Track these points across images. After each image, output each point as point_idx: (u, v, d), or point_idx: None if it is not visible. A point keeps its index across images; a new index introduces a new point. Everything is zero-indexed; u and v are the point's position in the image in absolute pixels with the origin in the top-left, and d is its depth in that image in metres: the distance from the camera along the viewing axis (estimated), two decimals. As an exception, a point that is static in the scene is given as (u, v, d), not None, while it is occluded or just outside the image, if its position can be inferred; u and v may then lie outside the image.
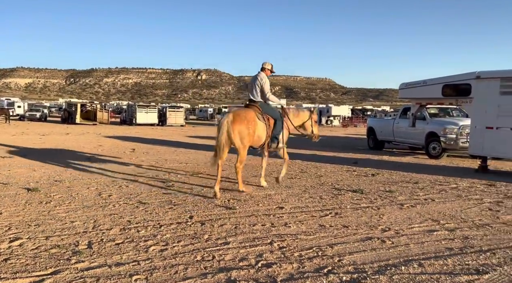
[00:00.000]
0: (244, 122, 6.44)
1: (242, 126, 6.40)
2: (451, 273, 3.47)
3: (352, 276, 3.37)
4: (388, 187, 7.59)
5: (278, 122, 6.99)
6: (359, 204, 6.15)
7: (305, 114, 7.77)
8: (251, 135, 6.52)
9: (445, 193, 7.11)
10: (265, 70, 7.17)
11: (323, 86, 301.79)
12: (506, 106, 9.01)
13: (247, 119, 6.51)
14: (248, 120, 6.50)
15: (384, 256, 3.89)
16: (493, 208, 5.96)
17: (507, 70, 9.42)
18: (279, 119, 7.03)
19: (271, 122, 6.91)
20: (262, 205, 5.93)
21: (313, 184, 7.85)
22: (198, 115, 68.24)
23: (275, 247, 4.08)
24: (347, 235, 4.53)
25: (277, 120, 6.99)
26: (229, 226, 4.81)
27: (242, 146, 6.52)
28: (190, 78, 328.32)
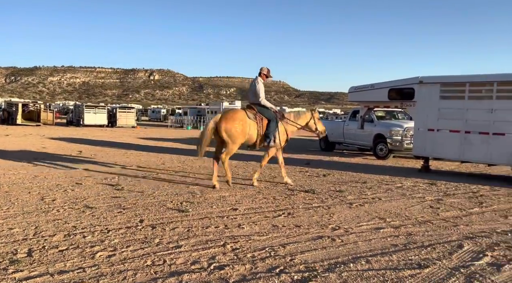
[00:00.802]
0: (230, 121, 7.16)
1: (228, 124, 7.12)
2: (395, 269, 3.64)
3: (303, 275, 3.43)
4: (338, 187, 7.83)
5: (271, 123, 7.49)
6: (311, 204, 6.29)
7: (307, 115, 8.27)
8: (239, 132, 7.18)
9: (391, 192, 7.46)
10: (262, 75, 7.74)
11: (278, 89, 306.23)
12: (445, 110, 9.65)
13: (234, 118, 7.23)
14: (234, 119, 7.20)
15: (334, 254, 4.00)
16: (434, 206, 6.34)
17: (446, 76, 10.10)
18: (272, 120, 7.52)
19: (265, 122, 7.46)
20: (216, 207, 5.88)
21: (267, 185, 7.92)
22: (150, 116, 66.44)
23: (228, 249, 4.06)
24: (299, 235, 4.61)
25: (271, 121, 7.49)
26: (181, 229, 4.71)
27: (231, 141, 7.20)
28: (142, 78, 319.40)
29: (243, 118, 7.29)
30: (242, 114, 7.36)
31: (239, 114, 7.38)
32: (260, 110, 7.55)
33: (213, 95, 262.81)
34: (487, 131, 8.88)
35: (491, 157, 8.92)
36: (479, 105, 9.10)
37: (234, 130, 7.13)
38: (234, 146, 7.28)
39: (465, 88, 9.29)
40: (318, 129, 8.25)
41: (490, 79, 9.09)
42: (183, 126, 38.93)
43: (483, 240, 4.57)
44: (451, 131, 9.50)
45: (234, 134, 7.14)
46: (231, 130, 7.12)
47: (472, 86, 9.26)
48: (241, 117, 7.29)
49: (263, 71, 7.74)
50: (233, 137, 7.15)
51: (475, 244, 4.41)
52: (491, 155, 8.86)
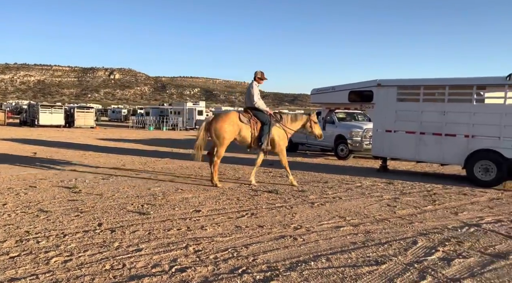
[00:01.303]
0: (220, 122, 7.53)
1: (218, 125, 7.50)
2: (354, 265, 3.75)
3: (265, 275, 3.46)
4: (301, 187, 7.96)
5: (265, 126, 7.72)
6: (274, 204, 6.35)
7: (303, 118, 8.38)
8: (227, 133, 7.48)
9: (351, 191, 7.68)
10: (256, 79, 7.97)
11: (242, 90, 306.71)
12: (402, 112, 10.06)
13: (224, 119, 7.57)
14: (224, 121, 7.55)
15: (296, 253, 4.06)
16: (391, 204, 6.59)
17: (402, 79, 10.54)
18: (266, 123, 7.73)
19: (259, 125, 7.73)
20: (178, 209, 5.80)
21: (231, 186, 7.91)
22: (110, 116, 64.35)
23: (191, 251, 4.02)
24: (262, 235, 4.65)
25: (264, 124, 7.72)
26: (142, 232, 4.61)
27: (219, 143, 7.56)
28: (101, 77, 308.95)
29: (234, 121, 7.60)
30: (234, 117, 7.67)
31: (231, 116, 7.70)
32: (255, 114, 7.81)
33: (177, 95, 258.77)
34: (440, 132, 9.35)
35: (444, 157, 9.40)
36: (432, 107, 9.56)
37: (223, 130, 7.48)
38: (220, 148, 7.60)
39: (419, 91, 9.74)
40: (314, 133, 8.34)
41: (442, 83, 9.58)
42: (145, 126, 38.07)
43: (436, 236, 4.81)
44: (407, 132, 9.92)
45: (222, 134, 7.49)
46: (219, 131, 7.49)
47: (426, 89, 9.72)
48: (231, 119, 7.60)
49: (257, 75, 7.99)
50: (220, 137, 7.51)
51: (428, 240, 4.64)
52: (443, 155, 9.34)
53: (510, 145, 8.32)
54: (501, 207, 6.58)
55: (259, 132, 7.71)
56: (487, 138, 8.65)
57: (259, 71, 8.03)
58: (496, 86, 8.92)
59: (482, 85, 9.13)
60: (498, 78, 8.59)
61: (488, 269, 3.74)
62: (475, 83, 9.00)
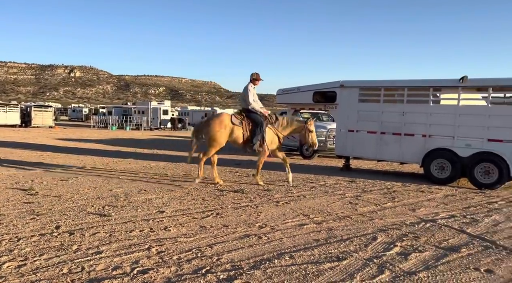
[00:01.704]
0: (211, 123, 7.79)
1: (209, 126, 7.79)
2: (316, 262, 3.83)
3: (229, 274, 3.46)
4: (266, 186, 8.02)
5: (257, 128, 7.81)
6: (240, 203, 6.36)
7: (298, 125, 8.17)
8: (218, 134, 7.71)
9: (315, 190, 7.82)
10: (252, 80, 8.08)
11: (209, 89, 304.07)
12: (363, 112, 10.37)
13: (215, 121, 7.80)
14: (215, 123, 7.78)
15: (260, 251, 4.09)
16: (353, 202, 6.78)
17: (364, 81, 10.86)
18: (258, 125, 7.82)
19: (251, 126, 7.84)
20: (141, 210, 5.68)
21: (197, 186, 7.84)
22: (70, 115, 61.92)
23: (153, 252, 3.95)
24: (227, 234, 4.64)
25: (256, 126, 7.82)
26: (102, 234, 4.48)
27: (210, 144, 7.83)
28: (61, 74, 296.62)
29: (225, 122, 7.79)
30: (226, 118, 7.86)
31: (222, 118, 7.89)
32: (249, 115, 7.94)
33: (141, 94, 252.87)
34: (399, 132, 9.71)
35: (403, 156, 9.78)
36: (392, 108, 9.92)
37: (214, 133, 7.73)
38: (210, 148, 7.86)
39: (380, 93, 10.07)
40: (309, 141, 8.17)
41: (401, 84, 9.97)
42: (108, 126, 36.96)
43: (394, 232, 5.00)
44: (369, 132, 10.23)
45: (213, 136, 7.75)
46: (211, 133, 7.77)
47: (387, 90, 10.07)
48: (223, 122, 7.79)
49: (253, 77, 8.12)
50: (212, 139, 7.78)
51: (387, 236, 4.81)
52: (403, 154, 9.71)
53: (463, 144, 8.78)
54: (455, 203, 6.92)
55: (251, 133, 7.82)
56: (443, 138, 9.08)
57: (254, 73, 8.17)
58: (451, 88, 9.38)
59: (437, 87, 9.59)
60: (452, 80, 9.04)
61: (442, 262, 3.93)
62: (432, 85, 9.43)
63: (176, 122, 38.58)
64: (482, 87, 9.11)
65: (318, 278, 3.44)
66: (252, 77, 8.14)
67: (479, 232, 5.09)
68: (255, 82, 8.14)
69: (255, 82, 8.15)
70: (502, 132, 8.34)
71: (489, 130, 8.49)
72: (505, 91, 9.51)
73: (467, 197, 7.52)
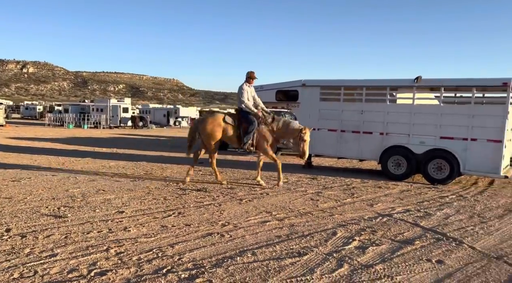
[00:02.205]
0: (204, 123, 7.96)
1: (202, 126, 7.97)
2: (278, 258, 3.88)
3: (190, 273, 3.43)
4: (230, 184, 8.01)
5: (249, 127, 7.74)
6: (202, 202, 6.31)
7: (293, 130, 7.70)
8: (211, 134, 7.83)
9: (277, 187, 7.91)
10: (247, 79, 8.01)
11: (171, 87, 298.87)
12: (324, 111, 10.60)
13: (208, 121, 7.96)
14: (208, 122, 7.93)
15: (223, 249, 4.09)
16: (314, 198, 6.92)
17: (325, 80, 11.09)
18: (251, 125, 7.74)
19: (244, 125, 7.78)
20: (99, 211, 5.50)
21: (158, 185, 7.69)
22: (23, 113, 58.70)
23: (112, 253, 3.84)
24: (189, 233, 4.60)
25: (249, 126, 7.75)
26: (57, 236, 4.30)
27: (206, 143, 7.99)
28: (13, 70, 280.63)
29: (217, 122, 7.90)
30: (218, 118, 7.96)
31: (215, 118, 8.01)
32: (242, 115, 7.89)
33: (100, 91, 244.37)
34: (358, 130, 10.02)
35: (362, 153, 10.10)
36: (351, 107, 10.22)
37: (206, 131, 7.89)
38: (208, 146, 7.98)
39: (340, 92, 10.34)
40: (299, 149, 7.64)
41: (360, 84, 10.29)
42: (64, 124, 35.43)
43: (353, 226, 5.15)
44: (330, 130, 10.47)
45: (206, 135, 7.91)
46: (204, 132, 7.94)
47: (346, 90, 10.35)
48: (215, 121, 7.91)
49: (247, 75, 8.07)
50: (206, 138, 7.94)
51: (346, 230, 4.95)
52: (361, 151, 10.03)
53: (418, 141, 9.20)
54: (410, 198, 7.25)
55: (244, 133, 7.77)
56: (399, 136, 9.47)
57: (249, 71, 8.06)
58: (406, 88, 9.79)
59: (394, 87, 9.97)
60: (407, 80, 9.44)
61: (397, 255, 4.10)
62: (388, 84, 9.80)
63: (137, 120, 37.64)
64: (435, 87, 9.58)
65: (279, 274, 3.49)
66: (247, 76, 8.07)
67: (432, 225, 5.36)
68: (250, 81, 8.05)
69: (250, 80, 8.05)
70: (453, 130, 8.82)
71: (441, 128, 8.95)
72: (456, 91, 10.07)
73: (421, 192, 7.89)
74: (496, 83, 8.62)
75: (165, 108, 54.49)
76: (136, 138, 23.71)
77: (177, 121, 48.38)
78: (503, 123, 8.28)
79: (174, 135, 28.22)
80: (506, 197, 7.57)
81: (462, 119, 8.73)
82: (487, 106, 9.08)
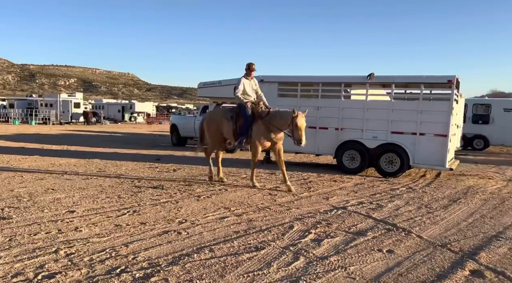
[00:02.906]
0: (206, 119, 7.99)
1: (205, 122, 7.97)
2: (236, 253, 3.89)
3: (145, 272, 3.35)
4: (188, 181, 7.90)
5: (244, 122, 7.28)
6: (159, 199, 6.18)
7: (286, 115, 7.04)
8: (211, 130, 7.74)
9: (236, 182, 7.91)
10: (246, 72, 7.65)
11: (126, 81, 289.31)
12: (282, 107, 10.69)
13: (209, 117, 7.99)
14: (209, 118, 7.93)
15: (179, 247, 4.03)
16: (272, 193, 7.00)
17: (283, 76, 11.19)
18: (246, 119, 7.26)
19: (241, 120, 7.33)
20: (48, 211, 5.23)
21: (112, 183, 7.43)
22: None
23: (61, 255, 3.66)
24: (144, 232, 4.48)
25: (245, 120, 7.28)
26: (1, 239, 4.04)
27: (208, 139, 7.94)
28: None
29: (215, 117, 7.81)
30: (219, 112, 7.89)
31: (216, 113, 8.01)
32: (240, 108, 7.45)
33: (49, 85, 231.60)
34: (315, 126, 10.22)
35: (318, 148, 10.33)
36: (308, 102, 10.39)
37: (208, 127, 7.84)
38: (210, 143, 7.93)
39: (297, 88, 10.49)
40: (294, 135, 6.92)
41: (316, 80, 10.49)
42: (9, 120, 33.29)
43: (309, 220, 5.27)
44: (287, 126, 10.60)
45: (208, 131, 7.85)
46: (205, 127, 7.92)
47: (303, 86, 10.52)
48: (216, 116, 7.82)
49: (246, 68, 7.69)
50: (208, 134, 7.87)
51: (303, 224, 5.05)
52: (318, 146, 10.25)
53: (371, 136, 9.55)
54: (363, 191, 7.52)
55: (239, 127, 7.31)
56: (353, 131, 9.78)
57: (248, 63, 7.68)
58: (360, 84, 10.12)
59: (348, 83, 10.27)
60: (361, 77, 9.76)
61: (350, 246, 4.25)
62: (343, 81, 10.08)
63: (90, 116, 36.15)
64: (387, 84, 9.98)
65: (236, 269, 3.50)
66: (246, 68, 7.68)
67: (383, 216, 5.60)
68: (249, 73, 7.63)
69: (249, 73, 7.63)
70: (403, 125, 9.24)
71: (392, 123, 9.35)
72: (405, 88, 10.54)
73: (373, 185, 8.22)
74: (441, 80, 9.12)
75: (120, 103, 52.73)
76: (89, 134, 22.77)
77: (133, 116, 47.01)
78: (449, 118, 8.78)
79: (129, 131, 27.41)
80: (451, 188, 8.06)
81: (411, 114, 9.16)
82: (434, 102, 9.60)
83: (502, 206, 6.49)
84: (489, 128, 17.87)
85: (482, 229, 5.09)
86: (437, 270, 3.63)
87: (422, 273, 3.55)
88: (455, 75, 8.81)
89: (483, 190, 7.95)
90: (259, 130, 7.21)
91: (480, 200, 6.91)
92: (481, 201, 6.86)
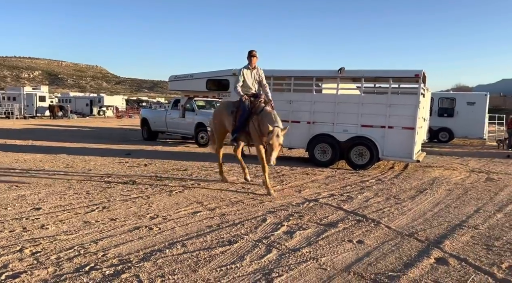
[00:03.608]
0: (213, 115, 7.92)
1: (212, 118, 7.93)
2: (208, 248, 3.87)
3: (116, 269, 3.28)
4: (159, 176, 7.78)
5: (241, 116, 6.78)
6: (130, 195, 6.06)
7: (265, 127, 6.27)
8: (215, 125, 7.55)
9: (209, 177, 7.87)
10: (248, 60, 6.96)
11: (94, 74, 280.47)
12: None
13: (215, 112, 7.92)
14: (214, 113, 7.89)
15: (151, 243, 3.97)
16: (245, 187, 7.01)
17: (255, 70, 11.17)
18: (242, 113, 6.77)
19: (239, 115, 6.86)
20: (11, 209, 5.02)
21: (80, 179, 7.22)
22: None
23: (27, 254, 3.53)
24: (114, 228, 4.39)
25: (241, 114, 6.79)
26: (-40, 239, 3.84)
27: (214, 134, 7.68)
28: None
29: (218, 112, 7.61)
30: (223, 107, 7.54)
31: (220, 107, 7.73)
32: (240, 102, 6.87)
33: (11, 78, 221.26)
34: (287, 119, 10.27)
35: (291, 142, 10.39)
36: (280, 96, 10.42)
37: (213, 123, 7.68)
38: (216, 138, 7.63)
39: (270, 82, 10.49)
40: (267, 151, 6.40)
41: (288, 74, 10.54)
42: (-31, 114, 31.67)
43: (282, 212, 5.31)
44: (260, 120, 10.61)
45: (213, 127, 7.67)
46: (211, 123, 7.87)
47: (275, 80, 10.54)
48: (219, 111, 7.53)
49: (247, 56, 6.96)
50: (214, 129, 7.67)
51: (275, 217, 5.09)
52: (290, 140, 10.30)
53: (341, 130, 9.71)
54: (334, 183, 7.66)
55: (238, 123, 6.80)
56: (324, 124, 9.91)
57: (249, 51, 6.97)
58: (331, 78, 10.25)
59: (320, 77, 10.39)
60: (332, 71, 9.88)
61: (322, 237, 4.32)
62: (314, 75, 10.18)
63: (56, 110, 34.90)
64: (357, 78, 10.16)
65: (209, 263, 3.48)
66: (247, 56, 6.96)
67: (353, 208, 5.72)
68: (250, 61, 6.90)
69: (251, 60, 6.89)
70: (372, 118, 9.45)
71: (362, 117, 9.54)
72: (375, 82, 10.77)
73: (344, 177, 8.38)
74: (409, 74, 9.38)
75: (88, 97, 51.17)
76: (55, 129, 21.99)
77: (102, 110, 45.72)
78: (416, 111, 9.05)
79: (98, 125, 26.67)
80: (418, 180, 8.34)
81: (380, 108, 9.37)
82: (402, 96, 9.86)
83: (465, 196, 6.77)
84: (453, 121, 18.61)
85: (447, 218, 5.30)
86: (405, 259, 3.76)
87: (391, 262, 3.66)
88: (422, 70, 9.08)
89: (448, 181, 8.27)
90: (253, 126, 6.59)
91: (445, 191, 7.19)
92: (446, 191, 7.14)
